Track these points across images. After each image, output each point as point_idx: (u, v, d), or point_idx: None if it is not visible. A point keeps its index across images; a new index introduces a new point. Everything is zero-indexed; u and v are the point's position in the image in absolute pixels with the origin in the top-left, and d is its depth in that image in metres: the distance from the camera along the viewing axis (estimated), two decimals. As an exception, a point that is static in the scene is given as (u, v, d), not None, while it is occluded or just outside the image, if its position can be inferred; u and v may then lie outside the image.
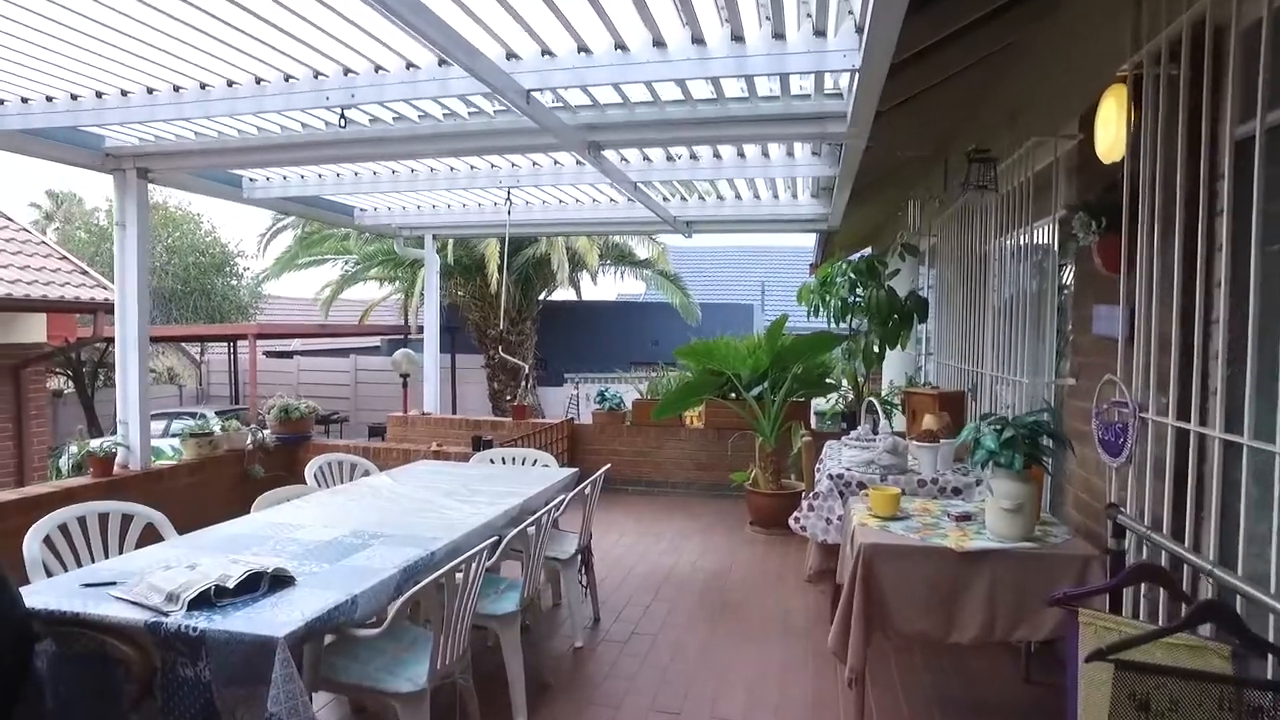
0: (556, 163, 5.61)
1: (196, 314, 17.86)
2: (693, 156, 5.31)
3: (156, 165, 5.10)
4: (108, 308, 8.52)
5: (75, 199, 24.09)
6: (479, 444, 6.23)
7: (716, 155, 5.27)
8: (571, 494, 3.99)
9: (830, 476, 4.30)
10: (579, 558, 4.20)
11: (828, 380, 7.62)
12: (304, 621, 2.15)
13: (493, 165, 5.68)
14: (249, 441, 6.14)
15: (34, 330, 8.76)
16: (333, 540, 3.00)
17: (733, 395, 7.33)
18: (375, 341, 20.21)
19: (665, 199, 6.87)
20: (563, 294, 17.12)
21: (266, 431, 6.41)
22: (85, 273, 8.90)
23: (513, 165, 5.67)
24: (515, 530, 3.15)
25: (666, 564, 5.52)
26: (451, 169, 5.76)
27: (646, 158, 5.39)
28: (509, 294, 14.35)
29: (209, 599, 2.25)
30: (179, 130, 4.75)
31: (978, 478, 4.16)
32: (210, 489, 5.75)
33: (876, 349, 6.84)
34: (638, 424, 8.01)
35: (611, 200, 7.03)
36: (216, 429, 5.98)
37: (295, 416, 6.55)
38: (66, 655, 2.19)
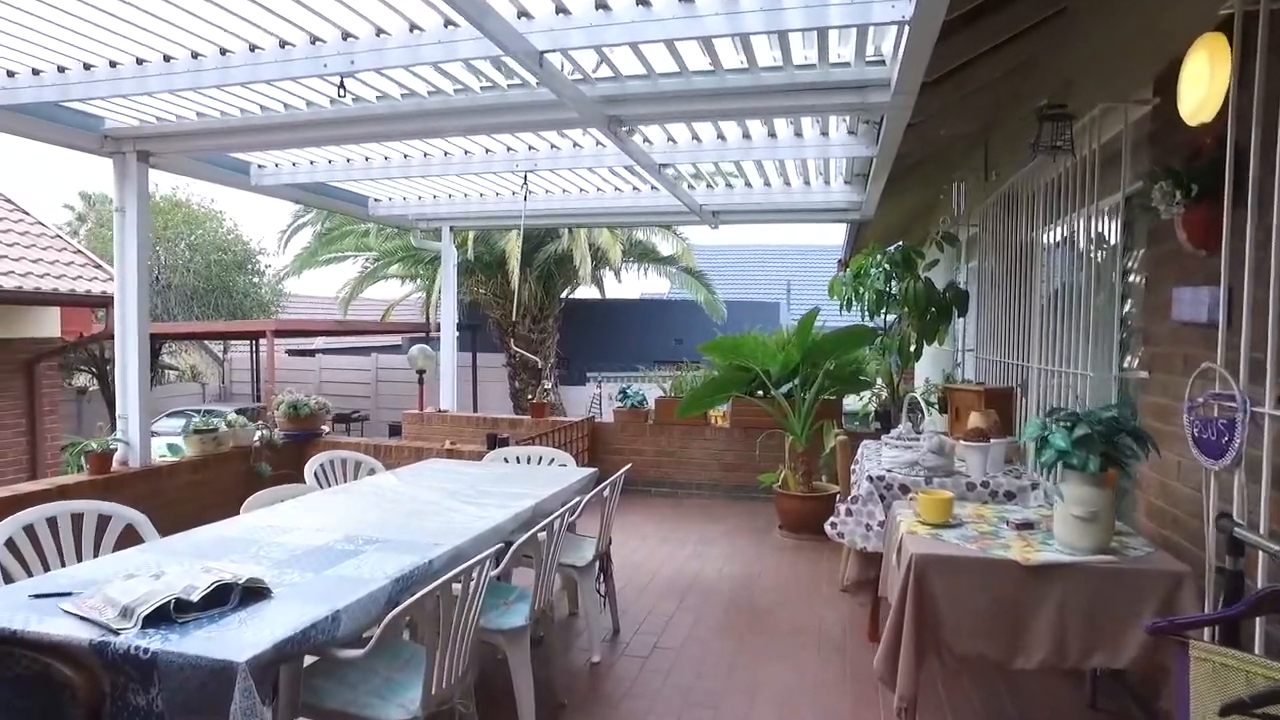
0: (576, 145, 5.31)
1: (218, 312, 17.77)
2: (720, 137, 4.99)
3: (157, 148, 4.87)
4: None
5: (108, 200, 24.22)
6: (494, 442, 5.95)
7: (746, 135, 4.94)
8: (589, 496, 3.68)
9: (870, 478, 3.95)
10: (597, 565, 3.89)
11: (861, 377, 7.25)
12: (272, 643, 1.85)
13: (509, 149, 5.39)
14: (256, 438, 5.91)
15: (47, 325, 8.63)
16: (323, 546, 2.71)
17: (760, 393, 6.99)
18: (397, 340, 20.07)
19: (690, 186, 6.55)
20: (585, 292, 16.85)
21: (275, 429, 6.18)
22: (99, 266, 8.76)
23: (530, 148, 5.37)
24: (525, 536, 2.85)
25: (691, 570, 5.19)
26: (466, 152, 5.48)
27: (671, 139, 5.07)
28: (530, 290, 14.10)
29: (168, 615, 1.96)
30: (179, 110, 4.52)
31: (1033, 480, 3.81)
32: (214, 487, 5.52)
33: (914, 344, 6.48)
34: (661, 423, 7.69)
35: (635, 189, 6.72)
36: (222, 425, 5.75)
37: (304, 413, 6.31)
38: (5, 678, 1.91)
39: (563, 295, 15.38)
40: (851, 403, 8.25)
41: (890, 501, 3.90)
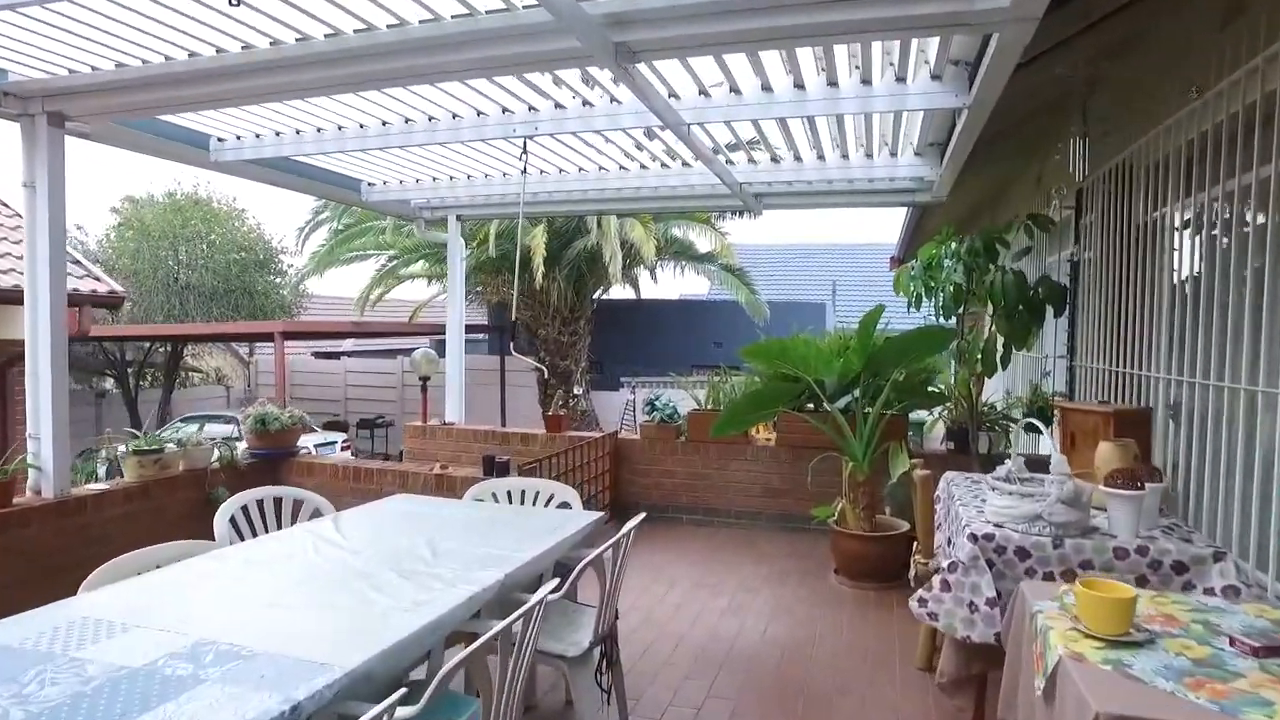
0: (586, 104, 4.31)
1: (238, 313, 17.14)
2: (765, 88, 3.94)
3: (74, 109, 4.00)
4: (95, 300, 7.61)
5: (154, 202, 23.91)
6: (491, 466, 4.97)
7: (798, 85, 3.89)
8: (585, 564, 2.65)
9: (974, 537, 2.86)
10: (597, 652, 2.86)
11: (931, 389, 6.12)
12: None
13: (504, 109, 4.41)
14: (214, 458, 5.01)
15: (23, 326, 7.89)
16: (143, 667, 1.73)
17: (810, 405, 5.91)
18: (424, 342, 19.39)
19: (729, 162, 5.51)
20: (620, 292, 15.92)
21: (241, 445, 5.28)
22: (77, 263, 8.01)
23: (530, 109, 4.38)
24: (461, 655, 1.83)
25: (728, 632, 4.15)
26: (454, 115, 4.52)
27: (703, 91, 4.04)
28: (559, 290, 13.17)
29: None
30: (93, 58, 3.63)
31: (1215, 548, 2.69)
32: (157, 519, 4.62)
33: (1000, 349, 5.35)
34: (694, 440, 6.64)
35: (663, 165, 5.71)
36: (171, 443, 4.86)
37: (275, 428, 5.39)
38: None
39: (595, 296, 14.45)
40: (920, 413, 7.11)
41: (1002, 570, 2.82)
